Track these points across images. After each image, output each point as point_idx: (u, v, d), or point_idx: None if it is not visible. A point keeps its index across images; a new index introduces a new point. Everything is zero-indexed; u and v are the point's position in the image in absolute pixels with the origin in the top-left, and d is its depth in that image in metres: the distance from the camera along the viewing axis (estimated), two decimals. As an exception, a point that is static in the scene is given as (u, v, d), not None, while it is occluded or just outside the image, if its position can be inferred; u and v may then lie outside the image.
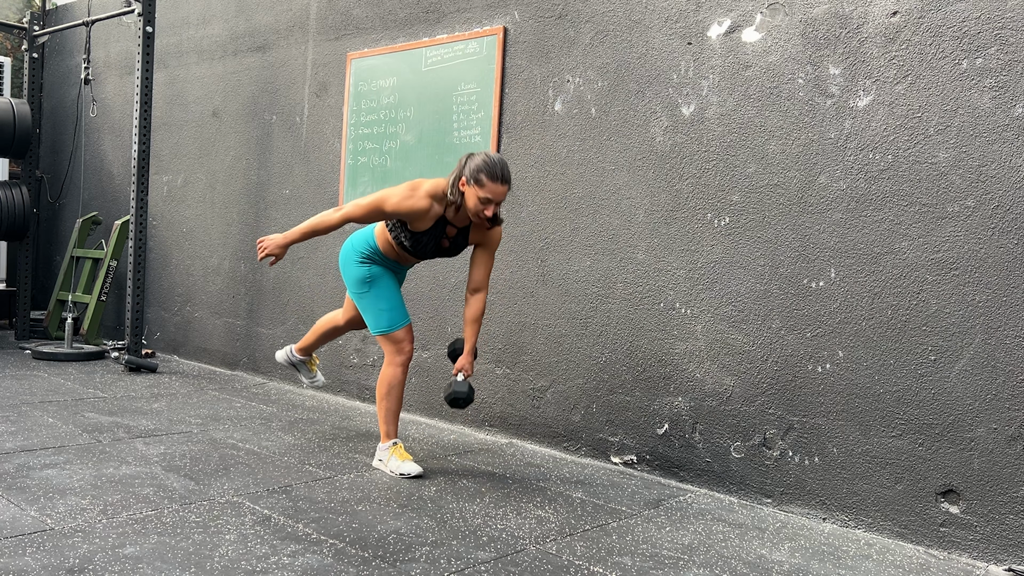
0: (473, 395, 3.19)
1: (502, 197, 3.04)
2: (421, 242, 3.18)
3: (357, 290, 3.29)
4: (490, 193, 3.00)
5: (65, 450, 3.27)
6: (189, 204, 5.77)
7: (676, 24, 3.42)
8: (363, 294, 3.27)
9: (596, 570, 2.39)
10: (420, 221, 3.11)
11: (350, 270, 3.31)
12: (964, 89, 2.75)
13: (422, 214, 3.08)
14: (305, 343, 3.82)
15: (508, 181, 3.03)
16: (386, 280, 3.29)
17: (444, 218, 3.15)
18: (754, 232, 3.21)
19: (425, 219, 3.10)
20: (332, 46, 4.82)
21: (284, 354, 3.93)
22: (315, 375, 3.98)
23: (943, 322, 2.78)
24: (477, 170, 3.01)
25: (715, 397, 3.29)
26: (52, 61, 7.00)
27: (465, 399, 3.16)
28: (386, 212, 3.08)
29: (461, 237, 3.24)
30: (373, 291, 3.26)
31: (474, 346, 3.27)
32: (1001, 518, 2.66)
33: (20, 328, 6.29)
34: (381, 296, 3.25)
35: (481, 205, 3.02)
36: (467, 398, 3.17)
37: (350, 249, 3.32)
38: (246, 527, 2.54)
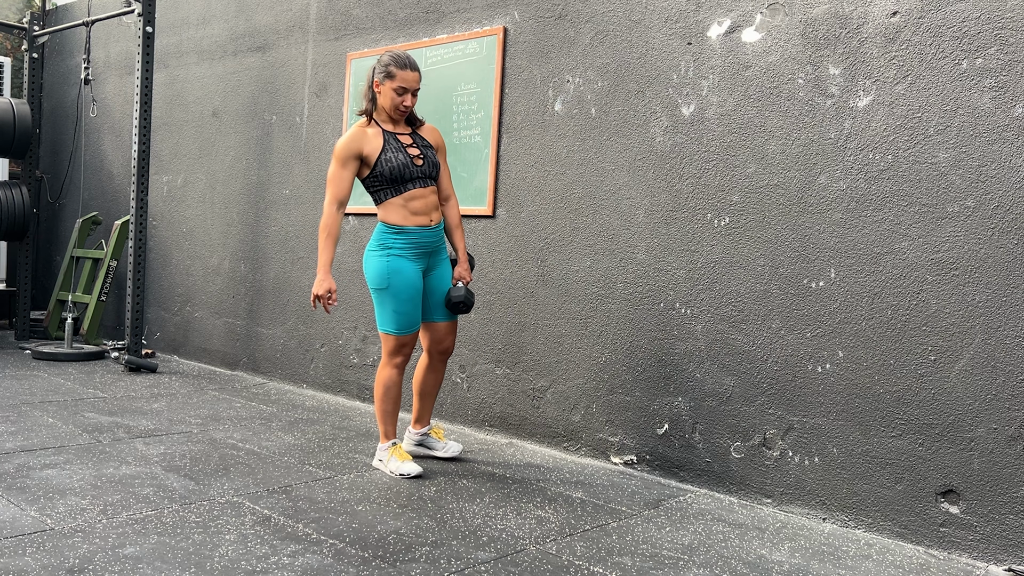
0: (472, 299, 3.32)
1: (416, 85, 3.19)
2: (392, 161, 3.19)
3: (377, 284, 3.20)
4: (403, 81, 3.16)
5: (65, 450, 3.27)
6: (189, 204, 5.77)
7: (676, 24, 3.42)
8: (382, 290, 3.19)
9: (596, 570, 2.39)
10: (367, 144, 3.20)
11: (370, 264, 3.21)
12: (964, 89, 2.75)
13: (360, 136, 3.22)
14: (416, 414, 3.52)
15: (417, 69, 3.19)
16: (409, 278, 3.18)
17: (386, 132, 3.25)
18: (754, 232, 3.21)
19: (368, 139, 3.21)
20: (332, 46, 4.82)
21: (409, 443, 3.55)
22: (446, 444, 3.53)
23: (943, 322, 2.78)
24: (386, 65, 3.18)
25: (715, 397, 3.29)
26: (52, 61, 7.00)
27: (465, 303, 3.30)
28: (340, 161, 3.19)
29: (420, 140, 3.31)
30: (392, 289, 3.18)
31: (467, 255, 3.44)
32: (1001, 518, 2.66)
33: (20, 328, 6.29)
34: (400, 297, 3.18)
35: (398, 97, 3.18)
36: (467, 301, 3.30)
37: (369, 248, 3.25)
38: (246, 527, 2.54)
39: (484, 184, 4.06)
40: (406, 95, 3.18)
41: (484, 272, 4.06)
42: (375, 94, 3.22)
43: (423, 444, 3.53)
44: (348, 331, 4.68)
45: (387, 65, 3.17)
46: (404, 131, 3.30)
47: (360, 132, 3.22)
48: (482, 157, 4.07)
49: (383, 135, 3.23)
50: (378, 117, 3.27)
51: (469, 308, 3.32)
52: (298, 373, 4.97)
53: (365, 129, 3.23)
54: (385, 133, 3.24)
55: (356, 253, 4.64)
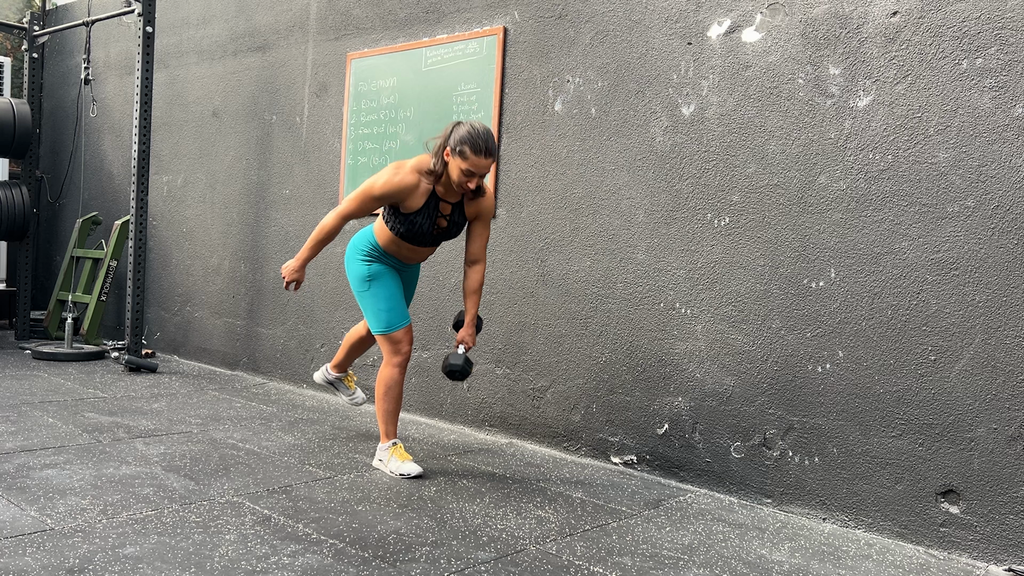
0: (470, 367, 3.19)
1: (485, 170, 3.02)
2: (417, 224, 3.14)
3: (358, 288, 3.29)
4: (472, 166, 2.98)
5: (65, 450, 3.27)
6: (189, 204, 5.77)
7: (676, 24, 3.42)
8: (363, 292, 3.27)
9: (596, 570, 2.39)
10: (411, 198, 3.08)
11: (352, 268, 3.30)
12: (964, 89, 2.75)
13: (411, 190, 3.07)
14: (338, 359, 3.78)
15: (492, 154, 3.00)
16: (387, 280, 3.28)
17: (435, 194, 3.13)
18: (754, 232, 3.21)
19: (415, 195, 3.08)
20: (332, 46, 4.82)
21: (321, 374, 3.88)
22: (354, 392, 3.90)
23: (943, 322, 2.78)
24: (461, 141, 2.98)
25: (715, 397, 3.29)
26: (52, 61, 7.00)
27: (461, 372, 3.16)
28: (376, 196, 3.07)
29: (458, 213, 3.20)
30: (373, 290, 3.25)
31: (475, 317, 3.30)
32: (1001, 518, 2.66)
33: (20, 328, 6.29)
34: (381, 296, 3.25)
35: (464, 177, 3.01)
36: (463, 371, 3.16)
37: (352, 248, 3.33)
38: (246, 527, 2.54)
39: (484, 184, 4.06)
40: (473, 178, 3.01)
41: (484, 272, 4.06)
42: (445, 159, 3.04)
43: (333, 384, 3.88)
44: (348, 331, 4.68)
45: (462, 143, 2.97)
46: (452, 199, 3.16)
47: (412, 183, 3.06)
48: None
49: (428, 196, 3.11)
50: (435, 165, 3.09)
51: (465, 377, 3.19)
52: (298, 373, 4.97)
53: (419, 181, 3.07)
54: (432, 195, 3.12)
55: (356, 253, 4.64)
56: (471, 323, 3.29)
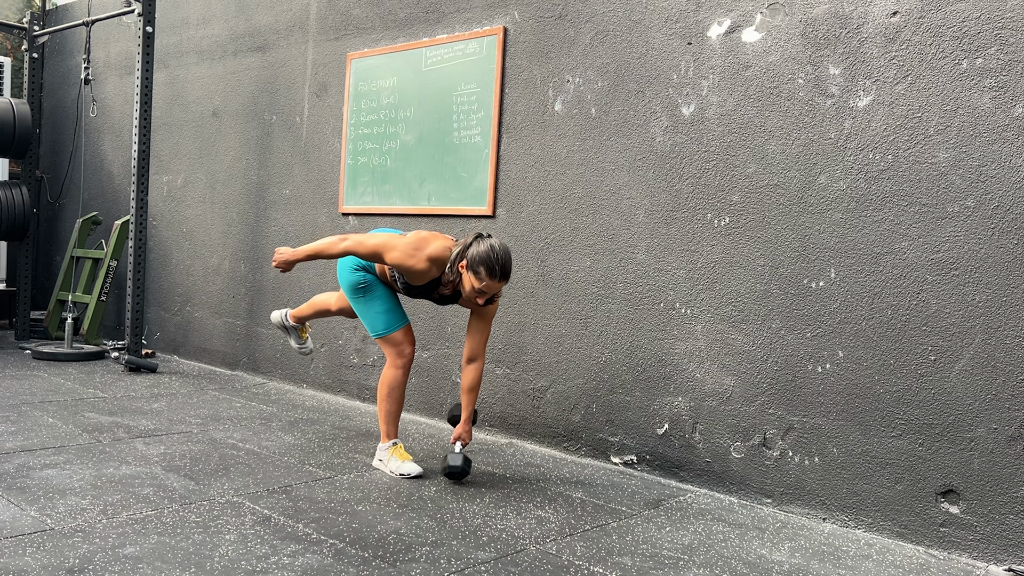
0: (469, 467, 3.16)
1: (495, 291, 3.03)
2: (412, 290, 3.21)
3: (353, 295, 3.29)
4: (486, 288, 2.98)
5: (65, 450, 3.27)
6: (189, 204, 5.77)
7: (676, 24, 3.42)
8: (359, 299, 3.28)
9: (596, 570, 2.39)
10: (416, 278, 3.10)
11: (345, 276, 3.31)
12: (964, 89, 2.75)
13: (419, 274, 3.07)
14: (300, 312, 3.85)
15: (508, 277, 3.00)
16: (381, 285, 3.29)
17: (440, 280, 3.13)
18: (754, 232, 3.21)
19: (422, 278, 3.10)
20: (332, 46, 4.82)
21: (279, 316, 3.93)
22: (305, 342, 3.97)
23: (943, 322, 2.78)
24: (479, 262, 2.96)
25: (715, 397, 3.29)
26: (52, 61, 7.00)
27: (461, 472, 3.15)
28: (388, 261, 3.05)
29: (453, 297, 3.23)
30: (369, 295, 3.26)
31: (471, 414, 3.29)
32: (1001, 518, 2.66)
33: (20, 328, 6.29)
34: (376, 299, 3.25)
35: (475, 294, 3.01)
36: (463, 471, 3.15)
37: (349, 263, 3.31)
38: (246, 527, 2.54)
39: (484, 184, 4.06)
40: (483, 296, 3.03)
41: (484, 272, 4.07)
42: (460, 271, 3.04)
43: (287, 330, 3.93)
44: (348, 331, 4.68)
45: (479, 263, 2.95)
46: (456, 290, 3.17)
47: (423, 270, 3.04)
48: (482, 157, 4.07)
49: (433, 280, 3.13)
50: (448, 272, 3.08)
51: (464, 476, 3.18)
52: (298, 373, 4.98)
53: (430, 269, 3.05)
54: (436, 280, 3.13)
55: (356, 253, 4.65)
56: (467, 419, 3.28)
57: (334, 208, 4.77)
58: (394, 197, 4.46)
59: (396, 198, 4.45)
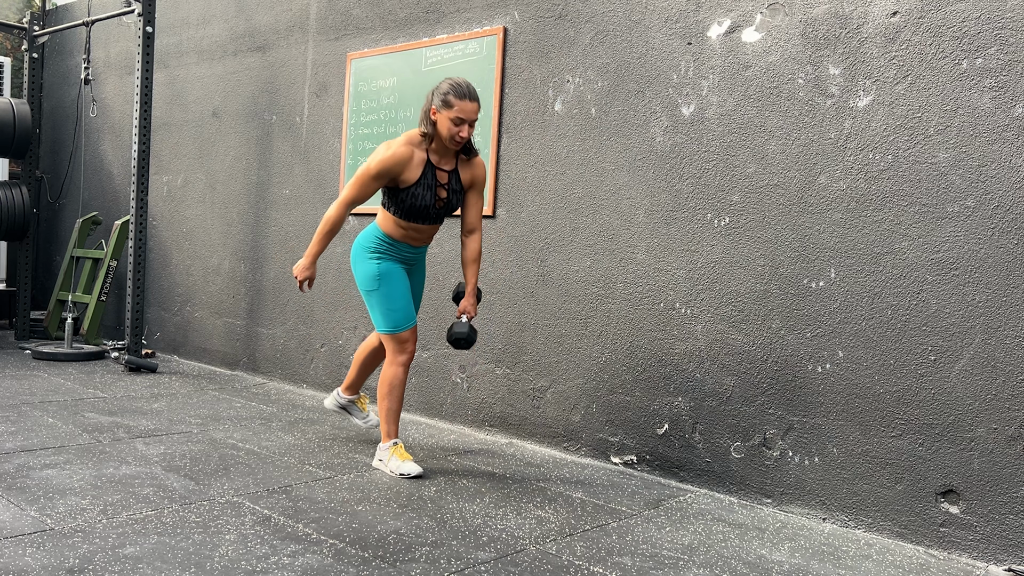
0: (475, 336, 3.26)
1: (474, 116, 3.11)
2: (418, 197, 3.17)
3: (367, 287, 3.27)
4: (461, 112, 3.07)
5: (65, 450, 3.27)
6: (189, 204, 5.77)
7: (676, 24, 3.42)
8: (372, 292, 3.25)
9: (596, 570, 2.39)
10: (407, 170, 3.14)
11: (360, 267, 3.28)
12: (964, 89, 2.75)
13: (406, 161, 3.13)
14: (349, 380, 3.68)
15: (476, 99, 3.10)
16: (397, 280, 3.26)
17: (431, 163, 3.19)
18: (754, 232, 3.21)
19: (411, 167, 3.14)
20: (332, 46, 4.82)
21: (332, 400, 3.76)
22: (367, 415, 3.78)
23: (943, 322, 2.78)
24: (444, 94, 3.08)
25: (715, 397, 3.29)
26: (52, 61, 7.00)
27: (467, 340, 3.23)
28: (374, 174, 3.12)
29: (455, 180, 3.25)
30: (383, 289, 3.24)
31: (475, 287, 3.36)
32: (1001, 518, 2.66)
33: (20, 328, 6.29)
34: (390, 296, 3.24)
35: (455, 127, 3.09)
36: (468, 339, 3.23)
37: (359, 246, 3.31)
38: (246, 527, 2.54)
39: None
40: (463, 126, 3.09)
41: (484, 272, 4.06)
42: (433, 120, 3.12)
43: (346, 408, 3.75)
44: (348, 331, 4.68)
45: (446, 94, 3.07)
46: (447, 166, 3.22)
47: (407, 155, 3.13)
48: (482, 157, 4.07)
49: (425, 166, 3.16)
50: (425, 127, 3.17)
51: (470, 345, 3.24)
52: (298, 373, 4.98)
53: (412, 152, 3.14)
54: (428, 164, 3.17)
55: (356, 253, 4.64)
56: (472, 293, 3.36)
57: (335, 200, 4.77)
58: (394, 197, 4.45)
59: (396, 198, 4.45)
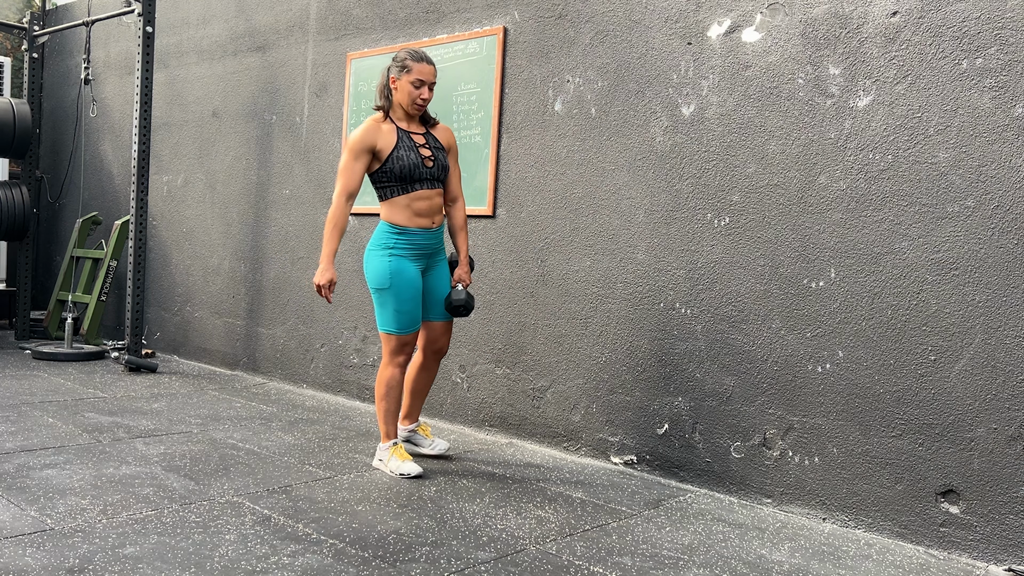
0: (473, 302, 3.32)
1: (432, 78, 3.22)
2: (404, 159, 3.21)
3: (378, 284, 3.21)
4: (420, 74, 3.19)
5: (65, 450, 3.27)
6: (189, 204, 5.77)
7: (676, 24, 3.42)
8: (384, 290, 3.20)
9: (596, 570, 2.39)
10: (380, 138, 3.22)
11: (373, 263, 3.22)
12: (964, 89, 2.75)
13: (375, 130, 3.22)
14: (405, 410, 3.54)
15: (432, 62, 3.23)
16: (409, 279, 3.20)
17: (400, 129, 3.26)
18: (754, 232, 3.21)
19: (382, 134, 3.23)
20: (332, 46, 4.82)
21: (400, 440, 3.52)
22: (434, 442, 3.54)
23: (943, 322, 2.78)
24: (402, 60, 3.21)
25: (715, 397, 3.29)
26: (52, 61, 7.00)
27: (465, 306, 3.29)
28: (353, 154, 3.20)
29: (432, 139, 3.32)
30: (394, 288, 3.19)
31: (467, 257, 3.43)
32: (1001, 518, 2.66)
33: (20, 328, 6.29)
34: (401, 297, 3.20)
35: (415, 90, 3.20)
36: (467, 305, 3.29)
37: (370, 247, 3.26)
38: (246, 527, 2.54)
39: (484, 184, 4.06)
40: (423, 88, 3.21)
41: (484, 272, 4.06)
42: (391, 91, 3.25)
43: (409, 440, 3.56)
44: (348, 331, 4.68)
45: (403, 60, 3.20)
46: (418, 130, 3.31)
47: (375, 126, 3.23)
48: (482, 157, 4.07)
49: (397, 132, 3.25)
50: (393, 115, 3.28)
51: (469, 311, 3.32)
52: (298, 373, 4.98)
53: (380, 124, 3.25)
54: (399, 130, 3.26)
55: (356, 253, 4.64)
56: (465, 262, 3.42)
57: (334, 208, 4.77)
58: (394, 197, 4.45)
59: (396, 198, 4.44)
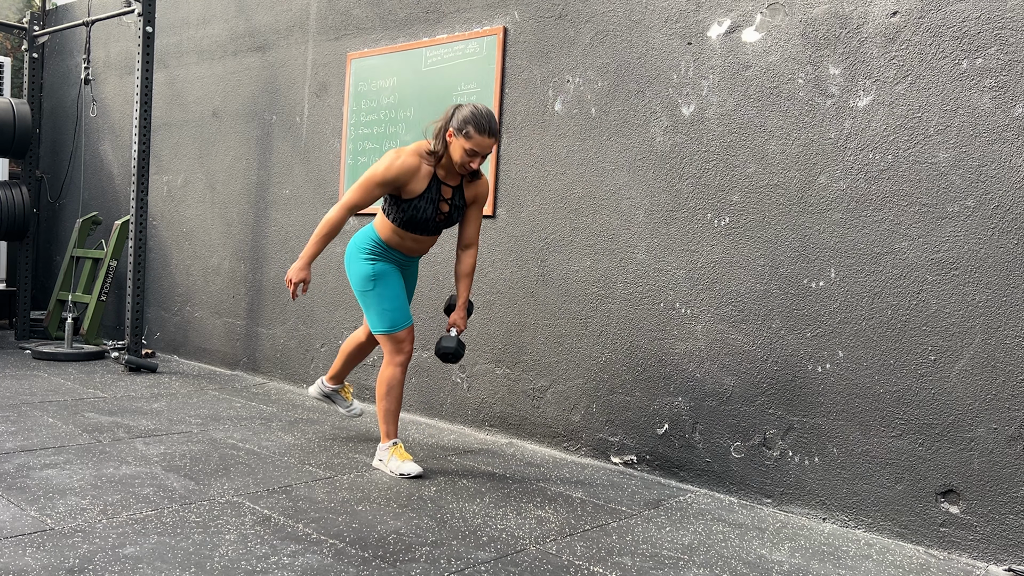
0: (463, 350, 3.26)
1: (489, 150, 3.08)
2: (420, 209, 3.15)
3: (361, 287, 3.26)
4: (477, 146, 3.03)
5: (65, 450, 3.27)
6: (189, 204, 5.77)
7: (676, 24, 3.42)
8: (367, 292, 3.25)
9: (596, 570, 2.39)
10: (413, 181, 3.11)
11: (355, 267, 3.28)
12: (964, 89, 2.75)
13: (413, 172, 3.10)
14: (334, 370, 3.70)
15: (496, 134, 3.06)
16: (392, 279, 3.26)
17: (436, 177, 3.16)
18: (754, 232, 3.21)
19: (418, 178, 3.11)
20: (332, 46, 4.82)
21: (316, 388, 3.81)
22: (351, 404, 3.83)
23: (943, 322, 2.78)
24: (465, 121, 3.03)
25: (715, 397, 3.29)
26: (52, 61, 7.00)
27: (454, 354, 3.24)
28: (380, 181, 3.09)
29: (458, 197, 3.23)
30: (377, 289, 3.24)
31: (467, 301, 3.36)
32: (1001, 518, 2.66)
33: (20, 328, 6.29)
34: (385, 296, 3.24)
35: (467, 157, 3.06)
36: (456, 353, 3.23)
37: (354, 247, 3.31)
38: (246, 527, 2.54)
39: (484, 184, 4.06)
40: (476, 158, 3.06)
41: (484, 272, 4.06)
42: (447, 141, 3.08)
43: (330, 397, 3.78)
44: (348, 331, 4.68)
45: (466, 123, 3.02)
46: (452, 182, 3.20)
47: (414, 166, 3.10)
48: (482, 157, 4.07)
49: (430, 180, 3.14)
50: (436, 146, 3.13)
51: (458, 359, 3.25)
52: (298, 373, 4.98)
53: (420, 164, 3.11)
54: (434, 178, 3.15)
55: (356, 253, 4.64)
56: (463, 307, 3.35)
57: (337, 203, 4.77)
58: (394, 197, 4.46)
59: (396, 198, 4.45)
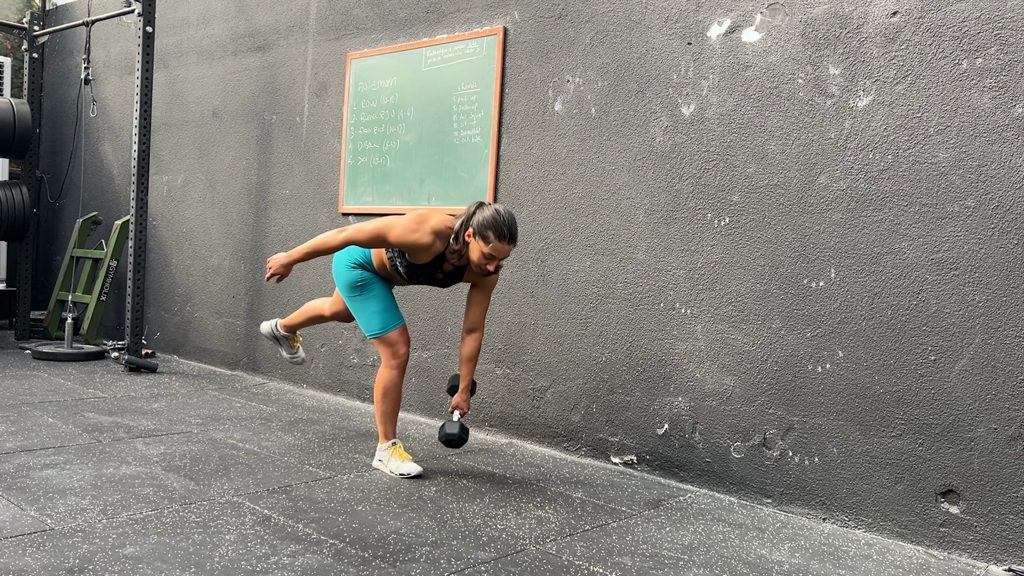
0: (467, 435, 3.24)
1: (506, 255, 3.01)
2: (415, 272, 3.17)
3: (349, 294, 3.28)
4: (495, 251, 2.97)
5: (65, 450, 3.27)
6: (189, 204, 5.77)
7: (676, 24, 3.42)
8: (355, 297, 3.27)
9: (596, 570, 2.39)
10: (421, 255, 3.09)
11: (342, 274, 3.30)
12: (964, 89, 2.75)
13: (425, 249, 3.04)
14: (291, 321, 3.87)
15: (515, 240, 3.00)
16: (378, 283, 3.28)
17: (444, 256, 3.13)
18: (754, 232, 3.21)
19: (426, 254, 3.08)
20: (332, 46, 4.82)
21: (269, 327, 3.98)
22: (296, 351, 4.01)
23: (943, 322, 2.78)
24: (485, 226, 2.96)
25: (715, 397, 3.29)
26: (52, 61, 7.00)
27: (458, 440, 3.22)
28: (388, 241, 3.04)
29: (456, 273, 3.23)
30: (365, 294, 3.25)
31: (470, 383, 3.32)
32: (1001, 518, 2.66)
33: (20, 328, 6.29)
34: (373, 298, 3.25)
35: (484, 260, 3.00)
36: (460, 439, 3.22)
37: (343, 255, 3.32)
38: (246, 527, 2.54)
39: (484, 184, 4.06)
40: (493, 261, 3.00)
41: (484, 272, 4.07)
42: (466, 241, 3.03)
43: (278, 340, 3.97)
44: (348, 331, 4.68)
45: (487, 228, 2.95)
46: (458, 263, 3.14)
47: (428, 245, 3.02)
48: (482, 157, 4.07)
49: (435, 257, 3.11)
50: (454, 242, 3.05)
51: (461, 445, 3.25)
52: (298, 373, 4.97)
53: (434, 244, 3.04)
54: (441, 255, 3.11)
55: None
56: (466, 389, 3.32)
57: (334, 208, 4.77)
58: (394, 197, 4.46)
59: (396, 198, 4.45)
